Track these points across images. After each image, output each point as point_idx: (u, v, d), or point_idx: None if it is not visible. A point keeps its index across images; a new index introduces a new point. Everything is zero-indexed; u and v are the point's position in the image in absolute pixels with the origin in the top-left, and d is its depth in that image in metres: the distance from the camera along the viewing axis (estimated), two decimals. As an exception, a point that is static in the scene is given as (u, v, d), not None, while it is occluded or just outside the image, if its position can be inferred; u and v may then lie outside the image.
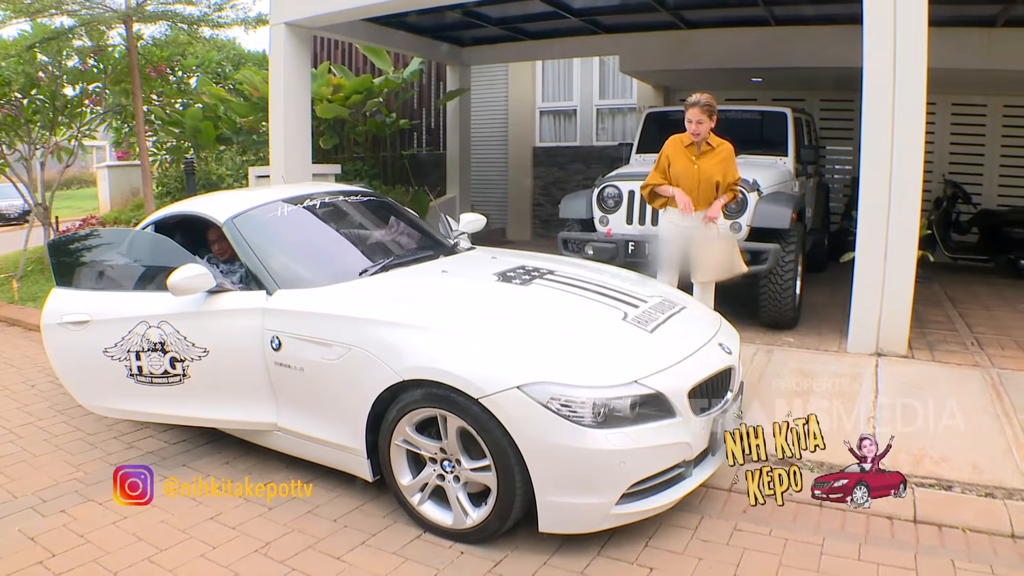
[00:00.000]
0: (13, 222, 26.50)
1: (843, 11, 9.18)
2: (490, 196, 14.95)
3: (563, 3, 10.02)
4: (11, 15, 9.42)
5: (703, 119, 5.77)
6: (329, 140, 12.51)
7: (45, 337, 5.16)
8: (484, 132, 14.87)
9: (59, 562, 3.80)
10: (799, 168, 8.63)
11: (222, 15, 10.08)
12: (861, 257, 6.29)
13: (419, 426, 3.87)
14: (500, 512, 3.65)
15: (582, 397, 3.48)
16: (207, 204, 5.43)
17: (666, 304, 4.53)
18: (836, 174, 12.99)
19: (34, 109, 11.72)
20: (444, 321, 3.97)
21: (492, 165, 15.03)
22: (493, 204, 14.85)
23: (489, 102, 14.86)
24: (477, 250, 5.68)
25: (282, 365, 4.27)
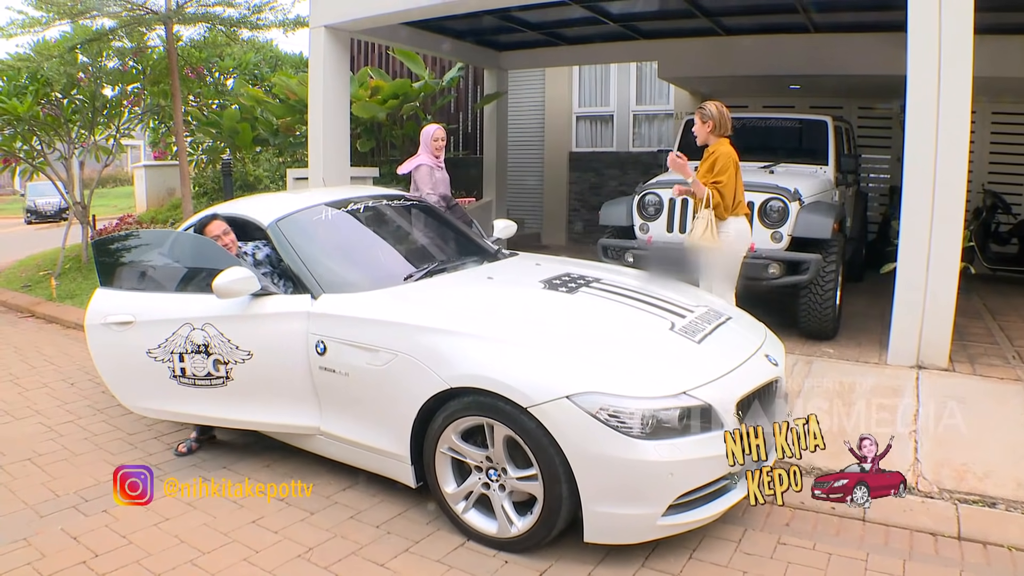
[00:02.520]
0: (50, 219, 26.88)
1: (884, 18, 9.11)
2: (526, 201, 14.97)
3: (602, 8, 9.97)
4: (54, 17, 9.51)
5: (697, 124, 5.84)
6: (366, 143, 12.54)
7: (89, 337, 5.18)
8: (521, 137, 14.89)
9: (102, 562, 3.82)
10: (839, 177, 8.56)
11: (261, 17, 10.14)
12: (902, 268, 6.21)
13: (465, 434, 3.86)
14: (546, 521, 3.63)
15: (631, 408, 3.45)
16: (250, 206, 5.45)
17: (712, 314, 4.50)
18: (872, 183, 12.86)
19: (74, 109, 11.85)
20: (492, 329, 3.96)
21: (528, 170, 15.04)
22: (529, 209, 14.87)
23: (526, 107, 14.87)
24: (520, 256, 5.68)
25: (326, 369, 4.28)
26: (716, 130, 5.76)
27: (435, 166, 7.33)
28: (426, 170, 7.22)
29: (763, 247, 6.87)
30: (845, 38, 10.13)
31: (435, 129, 7.43)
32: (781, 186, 7.00)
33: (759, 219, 6.92)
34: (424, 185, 7.18)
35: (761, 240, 6.88)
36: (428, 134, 7.38)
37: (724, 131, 5.80)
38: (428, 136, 7.37)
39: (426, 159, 7.28)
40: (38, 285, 11.29)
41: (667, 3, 9.73)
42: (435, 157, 7.34)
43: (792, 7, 9.13)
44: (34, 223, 27.73)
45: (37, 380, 6.97)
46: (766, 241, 6.88)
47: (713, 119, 5.73)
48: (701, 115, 5.79)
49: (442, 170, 7.45)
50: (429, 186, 7.18)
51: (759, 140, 9.01)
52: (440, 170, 7.40)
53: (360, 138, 12.29)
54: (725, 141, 5.81)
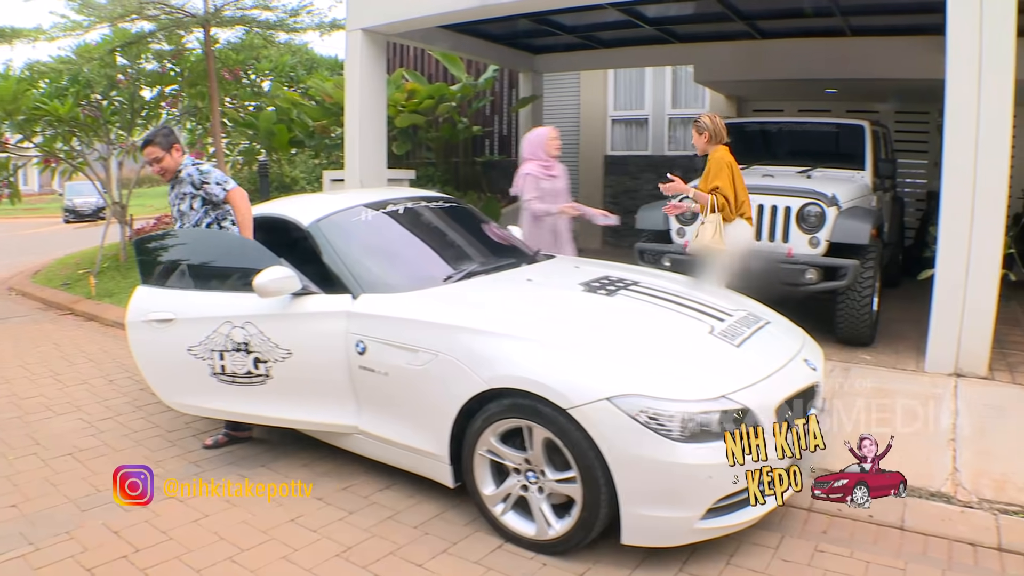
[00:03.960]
0: (87, 219, 27.25)
1: (922, 22, 9.03)
2: (560, 204, 14.83)
3: (637, 12, 9.95)
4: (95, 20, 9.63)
5: (695, 137, 6.08)
6: (402, 146, 12.59)
7: (130, 334, 5.25)
8: (556, 139, 14.77)
9: (143, 557, 3.86)
10: (877, 182, 8.47)
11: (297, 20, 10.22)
12: (941, 274, 6.14)
13: (503, 436, 3.86)
14: (584, 524, 3.63)
15: (671, 411, 3.45)
16: (291, 207, 5.49)
17: (751, 318, 4.49)
18: (908, 188, 12.73)
19: (113, 110, 12.01)
20: (533, 331, 3.96)
21: (564, 173, 14.92)
22: (563, 212, 14.76)
23: (561, 110, 14.82)
24: (558, 258, 5.68)
25: (366, 369, 4.30)
26: (712, 140, 5.97)
27: (543, 175, 6.63)
28: (532, 180, 6.57)
29: (800, 252, 6.83)
30: (882, 41, 10.05)
31: (547, 131, 6.84)
32: (819, 191, 6.95)
33: (796, 224, 6.89)
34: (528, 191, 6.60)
35: (798, 245, 6.84)
36: (540, 138, 6.77)
37: (720, 139, 5.98)
38: (540, 140, 6.75)
39: (531, 168, 6.63)
40: (77, 283, 11.44)
41: (703, 7, 9.68)
42: (544, 165, 6.66)
43: (829, 10, 9.06)
44: (72, 222, 28.18)
45: (77, 376, 7.06)
46: (803, 246, 6.84)
47: (708, 130, 5.95)
48: (697, 128, 6.02)
49: (554, 178, 6.71)
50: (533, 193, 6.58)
51: (796, 144, 8.97)
52: (550, 179, 6.67)
53: (396, 140, 12.34)
54: (721, 148, 5.98)
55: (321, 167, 13.51)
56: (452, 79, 13.15)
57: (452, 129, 13.23)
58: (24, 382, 6.93)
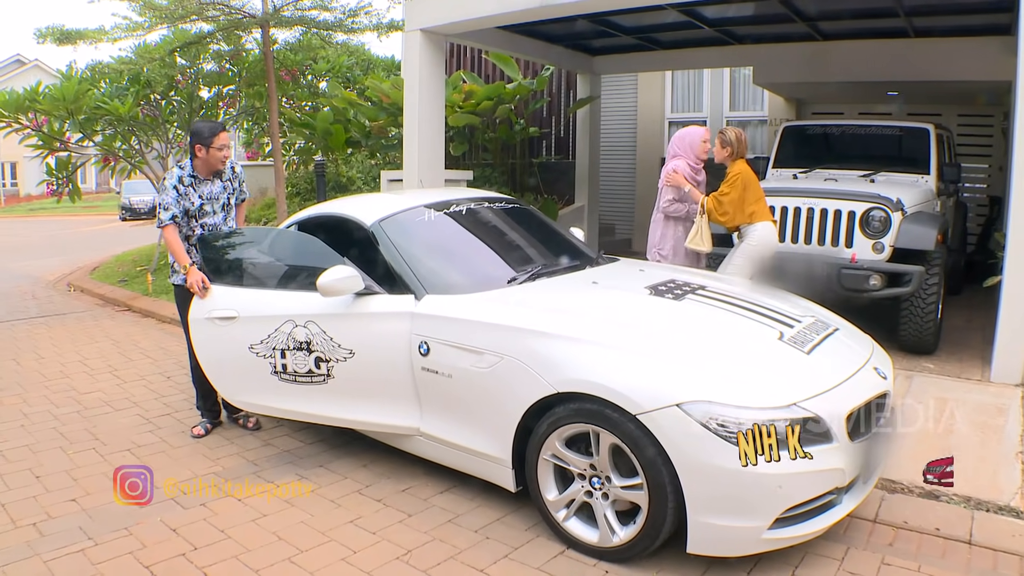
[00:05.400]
0: (143, 217, 27.73)
1: (989, 22, 8.85)
2: (617, 206, 14.89)
3: (697, 13, 9.84)
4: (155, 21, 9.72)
5: (717, 148, 6.38)
6: (459, 147, 12.60)
7: (192, 330, 5.28)
8: (613, 141, 14.81)
9: (201, 556, 3.88)
10: (941, 187, 8.31)
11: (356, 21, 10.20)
12: (1008, 282, 6.00)
13: (568, 441, 3.81)
14: (649, 531, 3.58)
15: (741, 418, 3.38)
16: (353, 206, 5.47)
17: (819, 325, 4.40)
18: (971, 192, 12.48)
19: (171, 110, 12.16)
20: (601, 334, 3.91)
21: (620, 175, 14.96)
22: (620, 214, 14.82)
23: (618, 111, 14.79)
24: (622, 261, 5.62)
25: (429, 371, 4.28)
26: (734, 154, 6.32)
27: (690, 177, 6.58)
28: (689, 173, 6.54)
29: (864, 258, 6.71)
30: (946, 42, 9.85)
31: (701, 131, 6.76)
32: (883, 195, 6.83)
33: (860, 229, 6.76)
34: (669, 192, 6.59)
35: (862, 250, 6.72)
36: (694, 139, 6.71)
37: (741, 155, 6.34)
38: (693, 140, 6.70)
39: (681, 165, 6.57)
40: (134, 280, 11.63)
41: (764, 8, 9.56)
42: (694, 167, 6.63)
43: (892, 11, 8.90)
44: (128, 220, 28.73)
45: (134, 373, 7.16)
46: (867, 251, 6.72)
47: (731, 145, 6.31)
48: (722, 141, 6.33)
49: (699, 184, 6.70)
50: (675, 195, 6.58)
51: (858, 148, 8.84)
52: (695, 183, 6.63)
53: (453, 141, 12.36)
54: (740, 162, 6.32)
55: (378, 167, 13.56)
56: (508, 81, 13.15)
57: (509, 130, 13.19)
58: (83, 377, 7.04)
